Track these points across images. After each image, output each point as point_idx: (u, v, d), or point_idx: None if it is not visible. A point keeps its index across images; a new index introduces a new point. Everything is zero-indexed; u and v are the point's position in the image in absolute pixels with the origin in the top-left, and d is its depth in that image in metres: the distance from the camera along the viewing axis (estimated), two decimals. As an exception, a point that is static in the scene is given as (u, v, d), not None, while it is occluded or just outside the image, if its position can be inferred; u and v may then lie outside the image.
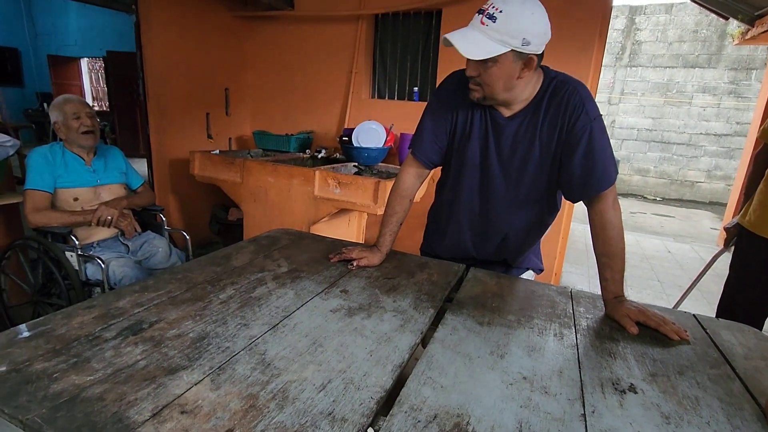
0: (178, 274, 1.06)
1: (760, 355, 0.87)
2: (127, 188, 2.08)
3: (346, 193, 2.42)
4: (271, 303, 0.94)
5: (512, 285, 1.14)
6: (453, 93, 1.13)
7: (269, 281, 1.06)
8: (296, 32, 3.54)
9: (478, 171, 1.15)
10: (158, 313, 0.87)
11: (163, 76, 3.10)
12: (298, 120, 3.69)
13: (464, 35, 0.96)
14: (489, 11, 0.93)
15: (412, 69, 3.28)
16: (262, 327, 0.84)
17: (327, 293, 1.01)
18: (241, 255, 1.22)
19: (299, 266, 1.16)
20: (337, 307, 0.94)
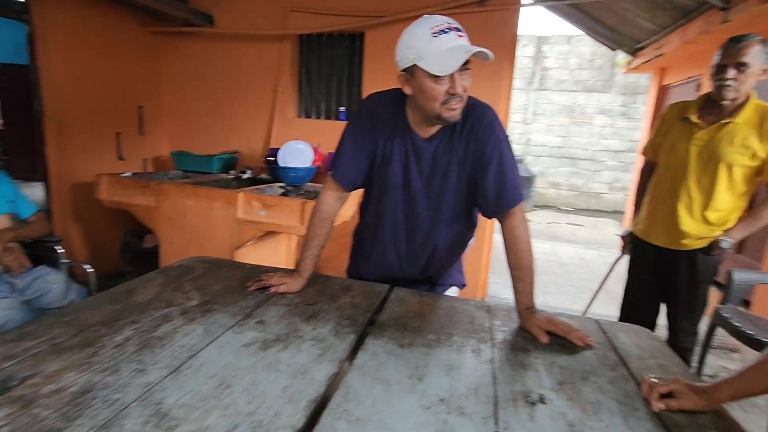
0: (66, 316, 0.93)
1: (651, 354, 0.96)
2: (14, 218, 1.82)
3: (271, 215, 2.33)
4: (175, 342, 0.86)
5: (434, 303, 1.16)
6: (372, 115, 1.14)
7: (176, 317, 0.97)
8: (217, 50, 3.42)
9: (401, 191, 1.16)
10: (34, 365, 0.75)
11: (64, 91, 2.81)
12: (222, 139, 3.53)
13: (468, 45, 0.94)
14: (454, 26, 0.95)
15: (338, 89, 3.30)
16: (161, 371, 0.76)
17: (241, 326, 0.94)
18: (146, 289, 1.11)
19: (213, 298, 1.08)
20: (251, 340, 0.88)
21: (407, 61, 0.98)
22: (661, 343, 1.03)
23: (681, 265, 1.73)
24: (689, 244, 1.69)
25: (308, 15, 3.12)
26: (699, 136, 1.64)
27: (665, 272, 1.79)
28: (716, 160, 1.60)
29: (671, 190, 1.71)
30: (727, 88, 1.54)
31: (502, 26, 2.71)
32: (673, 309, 1.81)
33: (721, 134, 1.60)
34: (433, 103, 0.99)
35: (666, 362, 0.93)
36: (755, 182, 1.63)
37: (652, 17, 3.71)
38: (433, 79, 0.95)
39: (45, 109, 2.76)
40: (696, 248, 1.69)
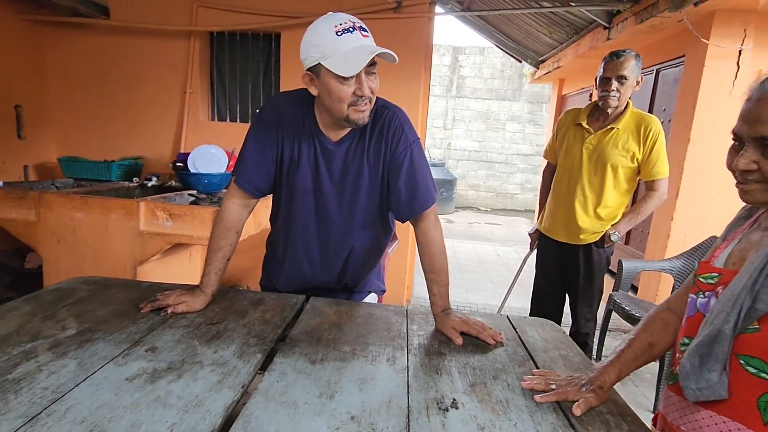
0: None
1: (555, 346, 1.01)
2: None
3: (180, 225, 2.13)
4: (36, 384, 0.72)
5: (352, 311, 1.12)
6: (276, 117, 1.08)
7: (42, 353, 0.81)
8: (116, 45, 3.08)
9: (312, 197, 1.11)
10: None
11: None
12: (122, 144, 3.19)
13: (373, 45, 0.93)
14: (359, 25, 0.93)
15: (254, 90, 3.15)
16: (12, 422, 0.62)
17: (126, 356, 0.82)
18: (5, 321, 0.93)
19: (94, 325, 0.94)
20: (136, 372, 0.77)
21: (311, 59, 0.94)
22: (564, 334, 1.10)
23: (579, 258, 1.89)
24: (585, 239, 1.86)
25: (219, 12, 2.94)
26: (589, 140, 1.81)
27: (566, 265, 1.95)
28: (603, 162, 1.78)
29: (569, 190, 1.87)
30: (611, 98, 1.72)
31: (417, 34, 2.78)
32: (574, 298, 1.97)
33: (606, 139, 1.78)
34: (340, 104, 0.95)
35: (567, 353, 0.98)
36: (635, 181, 1.83)
37: (551, 33, 4.07)
38: (339, 79, 0.92)
39: None
40: (591, 242, 1.86)
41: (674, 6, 2.37)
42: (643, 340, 0.80)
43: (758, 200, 0.65)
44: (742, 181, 0.65)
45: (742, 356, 0.61)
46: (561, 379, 0.80)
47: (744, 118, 0.63)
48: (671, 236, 2.77)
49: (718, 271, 0.69)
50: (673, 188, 2.67)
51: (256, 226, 2.30)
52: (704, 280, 0.71)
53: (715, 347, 0.61)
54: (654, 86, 3.34)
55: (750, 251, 0.67)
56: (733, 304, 0.60)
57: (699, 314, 0.69)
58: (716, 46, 2.53)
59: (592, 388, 0.76)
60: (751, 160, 0.62)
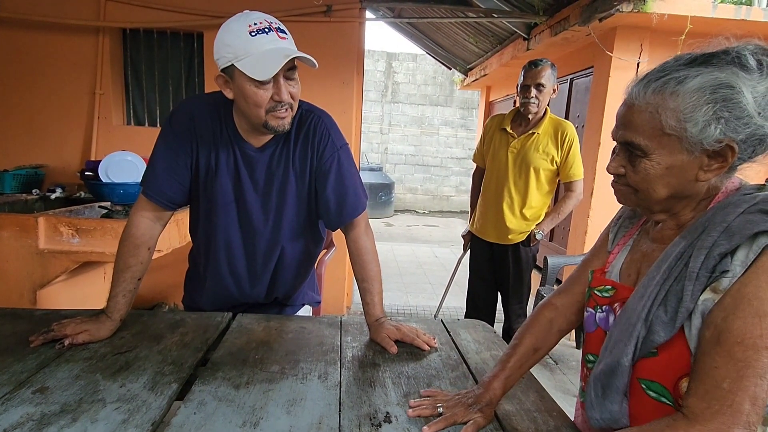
0: None
1: (486, 346, 1.03)
2: None
3: (89, 241, 1.91)
4: None
5: (282, 327, 1.06)
6: (189, 122, 0.99)
7: None
8: (8, 39, 2.71)
9: (234, 208, 1.04)
10: None
11: None
12: (19, 151, 2.81)
13: (291, 48, 0.88)
14: (276, 26, 0.88)
15: (176, 93, 2.94)
16: None
17: (7, 401, 0.70)
18: None
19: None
20: (18, 420, 0.66)
21: (224, 60, 0.87)
22: (495, 334, 1.12)
23: (509, 257, 1.97)
24: (513, 238, 1.95)
25: (131, 7, 2.70)
26: (513, 144, 1.91)
27: (498, 264, 2.03)
28: (527, 165, 1.88)
29: (497, 192, 1.95)
30: (531, 104, 1.83)
31: (348, 38, 2.76)
32: (505, 296, 2.06)
33: (529, 143, 1.88)
34: (257, 109, 0.90)
35: (498, 351, 1.01)
36: (555, 182, 1.96)
37: (477, 42, 4.26)
38: (254, 83, 0.86)
39: None
40: (518, 241, 1.95)
41: (583, 21, 2.59)
42: (528, 344, 0.78)
43: (629, 203, 0.67)
44: (616, 182, 0.66)
45: (643, 380, 0.61)
46: (449, 399, 0.75)
47: (617, 121, 0.64)
48: (588, 232, 3.01)
49: (612, 284, 0.70)
50: (588, 188, 2.90)
51: (181, 239, 2.13)
52: (600, 293, 0.71)
53: (614, 379, 0.62)
54: (569, 94, 3.62)
55: (642, 264, 0.68)
56: (630, 336, 0.60)
57: (600, 330, 0.70)
58: (619, 58, 2.79)
59: (480, 407, 0.71)
60: (620, 165, 0.64)
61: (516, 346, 0.79)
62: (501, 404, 0.77)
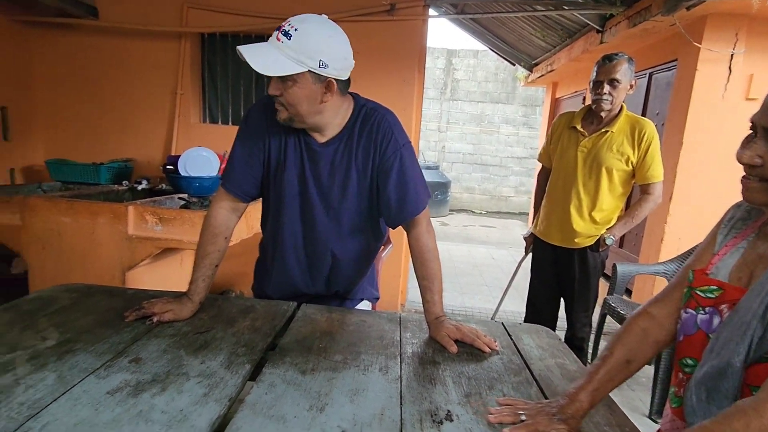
0: None
1: (551, 353, 0.99)
2: None
3: (169, 229, 2.10)
4: (13, 399, 0.68)
5: (344, 319, 1.09)
6: (262, 119, 1.05)
7: (20, 365, 0.78)
8: (105, 46, 3.04)
9: (298, 201, 1.09)
10: None
11: None
12: (112, 146, 3.14)
13: (259, 50, 0.90)
14: (285, 28, 0.90)
15: (246, 93, 3.12)
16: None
17: (108, 368, 0.79)
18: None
19: (76, 335, 0.90)
20: (119, 385, 0.74)
21: None
22: (560, 341, 1.08)
23: (574, 262, 1.87)
24: (580, 242, 1.84)
25: (209, 13, 2.91)
26: (584, 143, 1.80)
27: (562, 269, 1.94)
28: (598, 165, 1.77)
29: (564, 194, 1.86)
30: (604, 101, 1.72)
31: (411, 36, 2.76)
32: (570, 302, 1.96)
33: (601, 142, 1.77)
34: None
35: (564, 360, 0.97)
36: (630, 184, 1.83)
37: (544, 36, 4.08)
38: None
39: None
40: (586, 245, 1.84)
41: (667, 10, 2.38)
42: (619, 356, 0.72)
43: (756, 200, 0.60)
44: (747, 175, 0.59)
45: (755, 388, 0.54)
46: (530, 408, 0.72)
47: (763, 104, 0.56)
48: (665, 240, 2.78)
49: (719, 284, 0.64)
50: (667, 192, 2.67)
51: (249, 230, 2.27)
52: (703, 293, 0.66)
53: (723, 382, 0.55)
54: (647, 90, 3.35)
55: (758, 266, 0.61)
56: (743, 334, 0.54)
57: (701, 333, 0.64)
58: (708, 50, 2.54)
59: (564, 418, 0.67)
60: (757, 154, 0.56)
61: (606, 357, 0.73)
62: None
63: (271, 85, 0.95)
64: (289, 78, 0.92)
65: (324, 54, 0.91)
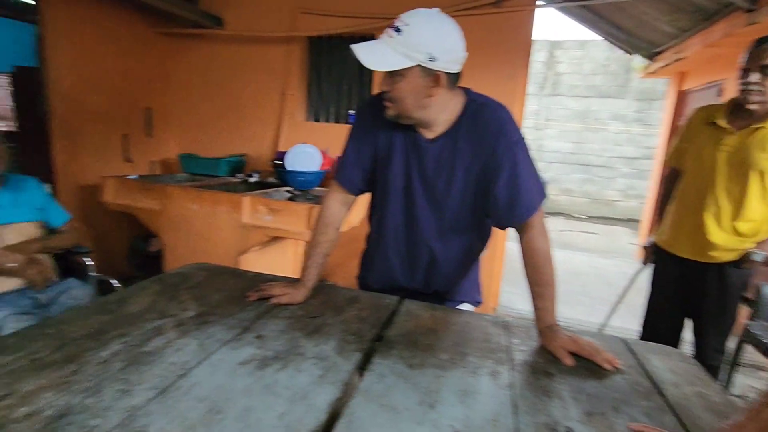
0: (49, 328, 0.87)
1: (688, 380, 0.87)
2: (44, 227, 1.72)
3: (277, 220, 2.27)
4: (165, 359, 0.79)
5: (447, 318, 1.08)
6: (373, 115, 1.08)
7: (169, 330, 0.90)
8: (227, 52, 3.39)
9: (402, 196, 1.09)
10: (9, 384, 0.69)
11: (70, 93, 2.80)
12: (230, 142, 3.50)
13: (370, 47, 0.93)
14: (396, 24, 0.91)
15: (348, 91, 3.25)
16: (147, 393, 0.69)
17: (238, 341, 0.87)
18: (139, 298, 1.05)
19: (210, 309, 1.02)
20: (247, 358, 0.81)
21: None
22: (698, 367, 0.94)
23: (709, 279, 1.62)
24: (718, 257, 1.59)
25: (318, 17, 3.08)
26: (728, 141, 1.55)
27: (691, 286, 1.69)
28: (747, 167, 1.50)
29: (698, 199, 1.61)
30: (751, 92, 1.45)
31: (518, 28, 2.63)
32: (700, 325, 1.70)
33: (751, 140, 1.50)
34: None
35: (705, 390, 0.84)
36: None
37: (672, 20, 3.60)
38: None
39: (52, 111, 2.75)
40: (725, 261, 1.58)
41: None
42: None
43: None
44: None
45: None
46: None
47: None
48: (828, 259, 2.28)
49: None
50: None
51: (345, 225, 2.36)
52: None
53: None
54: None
55: None
56: None
57: None
58: None
59: None
60: None
61: None
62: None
63: (382, 82, 0.98)
64: (397, 73, 0.93)
65: (433, 47, 0.90)
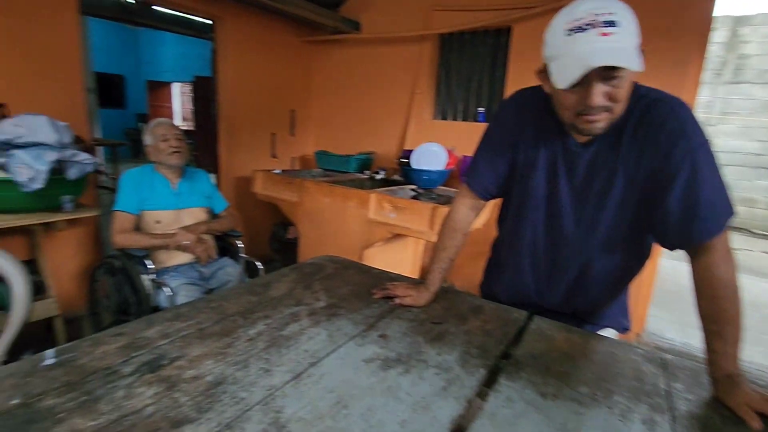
0: (212, 302, 1.01)
1: None
2: (209, 212, 2.07)
3: (401, 217, 2.32)
4: (300, 345, 0.85)
5: (586, 344, 0.95)
6: (515, 115, 0.99)
7: (304, 317, 0.97)
8: (361, 55, 3.58)
9: (544, 205, 0.99)
10: (182, 347, 0.81)
11: (234, 98, 3.27)
12: (360, 140, 3.70)
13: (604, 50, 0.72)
14: (601, 20, 0.72)
15: (478, 89, 3.14)
16: (284, 375, 0.74)
17: (363, 337, 0.90)
18: (280, 284, 1.16)
19: (339, 301, 1.07)
20: (372, 356, 0.83)
21: (544, 57, 0.82)
22: None
23: None
24: None
25: (451, 13, 3.04)
26: None
27: None
28: None
29: None
30: None
31: (691, 6, 2.20)
32: None
33: None
34: (565, 111, 0.82)
35: None
36: None
37: None
38: None
39: (219, 113, 3.25)
40: None
41: None
42: None
43: None
44: None
45: None
46: None
47: None
48: None
49: None
50: None
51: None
52: None
53: None
54: None
55: None
56: None
57: None
58: None
59: None
60: None
61: None
62: None
63: (596, 94, 0.77)
64: (619, 75, 0.76)
65: (638, 35, 0.76)
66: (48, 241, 2.29)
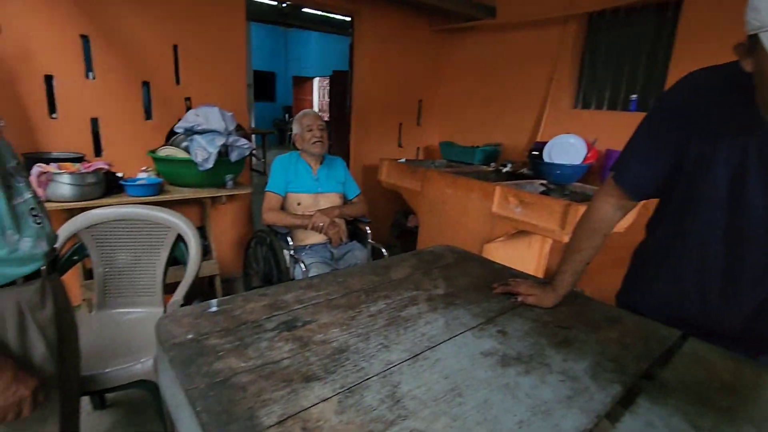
0: (339, 278, 1.10)
1: None
2: (343, 198, 2.26)
3: (527, 213, 2.18)
4: (417, 328, 0.87)
5: (758, 378, 0.77)
6: (688, 102, 0.83)
7: (421, 302, 0.98)
8: (495, 41, 3.44)
9: (724, 209, 0.82)
10: (313, 313, 0.90)
11: (367, 89, 3.45)
12: (487, 131, 3.57)
13: None
14: None
15: (631, 73, 2.75)
16: (401, 354, 0.77)
17: (481, 330, 0.87)
18: (400, 268, 1.19)
19: (456, 291, 1.06)
20: (489, 350, 0.80)
21: (750, 26, 0.65)
22: None
23: None
24: None
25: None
26: None
27: None
28: None
29: None
30: None
31: None
32: None
33: None
34: None
35: None
36: None
37: None
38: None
39: (353, 106, 3.46)
40: None
41: None
42: None
43: None
44: None
45: None
46: None
47: None
48: None
49: None
50: None
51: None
52: None
53: None
54: None
55: None
56: None
57: None
58: None
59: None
60: None
61: None
62: None
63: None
64: None
65: None
66: (213, 212, 2.75)
